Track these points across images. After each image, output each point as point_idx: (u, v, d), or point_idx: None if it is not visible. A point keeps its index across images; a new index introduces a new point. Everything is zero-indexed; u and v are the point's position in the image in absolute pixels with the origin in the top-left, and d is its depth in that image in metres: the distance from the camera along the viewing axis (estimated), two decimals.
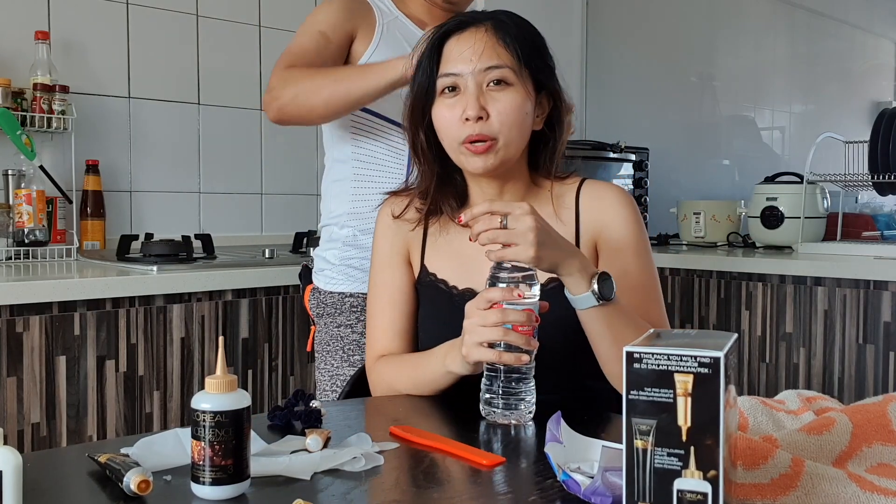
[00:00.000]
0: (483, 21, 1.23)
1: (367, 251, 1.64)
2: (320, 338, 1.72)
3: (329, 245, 1.73)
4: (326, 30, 1.62)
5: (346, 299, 1.68)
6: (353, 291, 1.68)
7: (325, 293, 1.70)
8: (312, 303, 1.74)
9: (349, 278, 1.69)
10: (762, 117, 4.75)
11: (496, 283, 1.09)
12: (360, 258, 1.67)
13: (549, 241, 1.07)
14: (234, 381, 0.84)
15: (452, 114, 1.21)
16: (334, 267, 1.70)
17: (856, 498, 0.81)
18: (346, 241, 1.69)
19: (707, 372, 0.69)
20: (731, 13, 4.35)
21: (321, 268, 1.73)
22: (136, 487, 0.81)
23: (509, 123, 1.20)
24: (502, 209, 1.05)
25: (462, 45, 1.21)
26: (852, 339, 2.33)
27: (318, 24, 1.63)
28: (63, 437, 1.81)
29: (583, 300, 1.11)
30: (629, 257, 1.26)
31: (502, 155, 1.22)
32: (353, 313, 1.68)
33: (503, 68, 1.20)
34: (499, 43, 1.21)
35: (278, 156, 2.89)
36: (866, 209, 3.59)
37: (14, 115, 2.17)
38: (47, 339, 1.79)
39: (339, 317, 1.68)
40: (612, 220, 1.27)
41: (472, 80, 1.20)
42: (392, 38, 1.65)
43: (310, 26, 1.64)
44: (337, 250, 1.70)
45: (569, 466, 0.85)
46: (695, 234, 3.13)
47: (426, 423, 1.15)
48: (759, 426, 1.00)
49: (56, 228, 2.34)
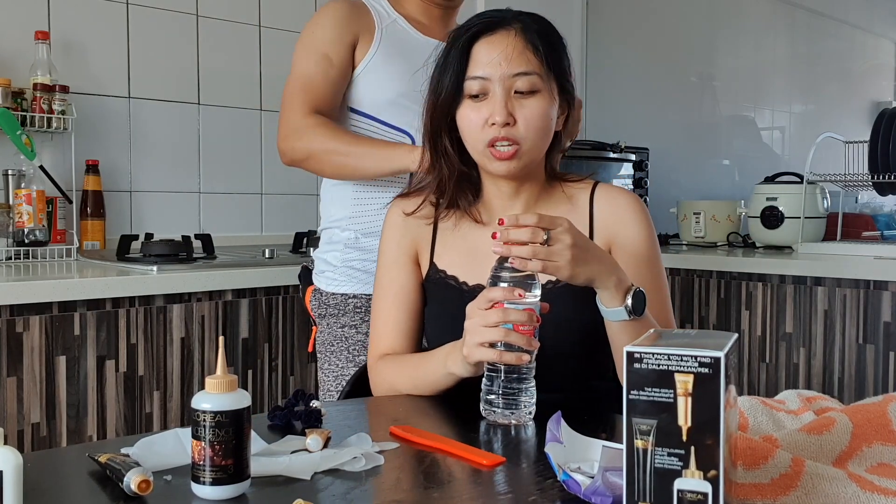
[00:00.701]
0: (512, 23, 1.22)
1: (369, 253, 1.65)
2: (323, 338, 1.71)
3: (330, 247, 1.72)
4: (328, 50, 1.61)
5: (350, 300, 1.68)
6: (357, 292, 1.68)
7: (328, 294, 1.70)
8: (314, 304, 1.73)
9: (352, 279, 1.68)
10: (762, 117, 4.75)
11: (498, 283, 1.09)
12: (362, 260, 1.67)
13: (587, 257, 1.08)
14: (234, 381, 0.84)
15: (479, 116, 1.21)
16: (336, 269, 1.70)
17: (856, 498, 0.81)
18: (348, 244, 1.69)
19: (707, 372, 0.69)
20: (731, 13, 4.35)
21: (322, 269, 1.73)
22: (137, 487, 0.81)
23: (535, 129, 1.21)
24: (547, 224, 1.05)
25: (492, 50, 1.21)
26: (852, 339, 2.33)
27: (319, 44, 1.62)
28: (63, 437, 1.81)
29: (615, 314, 1.13)
30: (641, 264, 1.27)
31: (526, 160, 1.23)
32: (358, 314, 1.67)
33: (532, 75, 1.20)
34: (528, 48, 1.21)
35: (278, 156, 2.89)
36: (866, 209, 3.60)
37: (14, 115, 2.17)
38: (47, 339, 1.79)
39: (343, 317, 1.68)
40: (626, 226, 1.29)
41: (500, 85, 1.20)
42: (390, 43, 1.65)
43: (311, 48, 1.62)
44: (338, 252, 1.70)
45: (569, 466, 0.85)
46: (695, 234, 3.13)
47: (426, 423, 1.15)
48: (759, 426, 1.00)
49: (56, 228, 2.34)
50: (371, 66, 1.63)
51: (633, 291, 1.11)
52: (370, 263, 1.63)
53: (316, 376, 2.23)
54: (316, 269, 1.76)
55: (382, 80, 1.63)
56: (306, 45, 1.64)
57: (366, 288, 1.67)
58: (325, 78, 1.61)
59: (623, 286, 1.12)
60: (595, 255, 1.09)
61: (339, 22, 1.63)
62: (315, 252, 1.79)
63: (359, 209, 1.69)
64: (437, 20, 1.71)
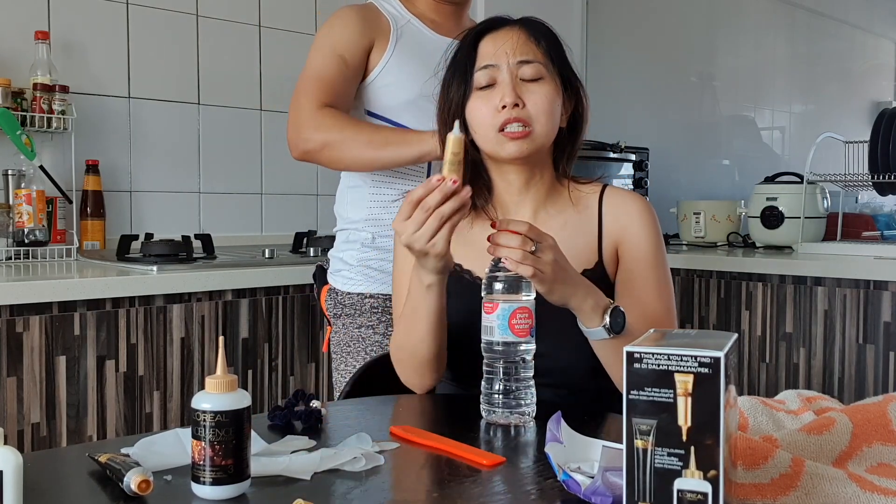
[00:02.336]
0: (514, 23, 1.30)
1: (386, 252, 1.64)
2: (338, 338, 1.70)
3: (346, 246, 1.71)
4: (344, 52, 1.59)
5: (366, 300, 1.67)
6: (374, 292, 1.66)
7: (343, 294, 1.68)
8: (329, 303, 1.71)
9: (368, 279, 1.67)
10: (762, 117, 4.75)
11: (493, 283, 1.10)
12: (380, 259, 1.66)
13: (565, 278, 1.11)
14: (234, 381, 0.84)
15: (489, 104, 1.25)
16: (352, 268, 1.69)
17: (856, 498, 0.81)
18: (365, 243, 1.68)
19: (707, 372, 0.69)
20: (731, 13, 4.35)
21: (338, 268, 1.72)
22: (137, 487, 0.81)
23: (544, 112, 1.25)
24: (536, 237, 1.08)
25: (497, 42, 1.27)
26: (852, 339, 2.33)
27: (336, 45, 1.60)
28: (63, 437, 1.81)
29: (595, 333, 1.15)
30: (649, 268, 1.30)
31: (538, 143, 1.26)
32: (374, 314, 1.66)
33: (536, 63, 1.26)
34: (530, 40, 1.27)
35: (278, 156, 2.89)
36: (866, 209, 3.60)
37: (14, 115, 2.17)
38: (47, 339, 1.79)
39: (360, 317, 1.67)
40: (634, 231, 1.31)
41: (507, 71, 1.25)
42: (406, 45, 1.64)
43: (327, 48, 1.61)
44: (355, 251, 1.69)
45: (569, 466, 0.85)
46: (695, 234, 3.13)
47: (426, 423, 1.15)
48: (759, 426, 1.00)
49: (56, 228, 2.34)
50: (388, 68, 1.62)
51: (610, 310, 1.14)
52: (387, 263, 1.62)
53: (316, 376, 2.23)
54: (331, 268, 1.75)
55: (400, 81, 1.62)
56: (321, 47, 1.62)
57: (383, 287, 1.66)
58: (341, 74, 1.59)
59: (601, 306, 1.14)
60: (572, 278, 1.13)
61: (355, 26, 1.62)
62: (331, 251, 1.78)
63: (375, 211, 1.68)
64: (449, 17, 1.70)
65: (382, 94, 1.63)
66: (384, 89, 1.63)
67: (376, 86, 1.63)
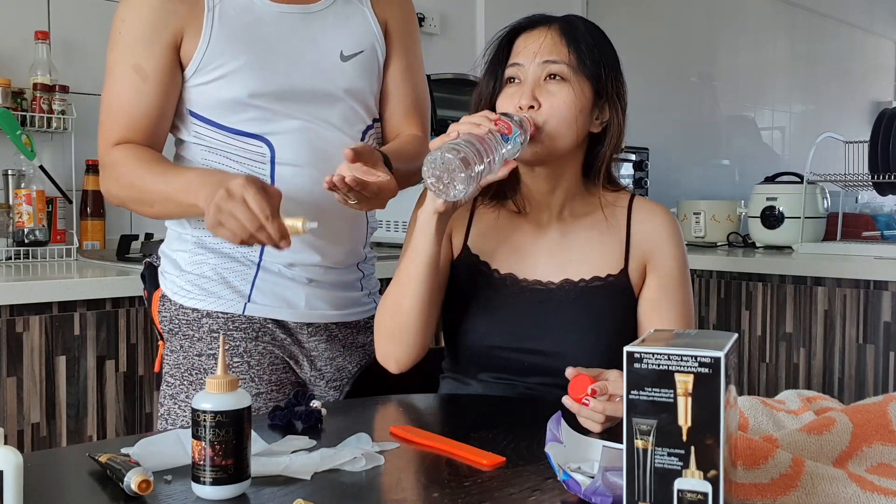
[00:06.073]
0: (553, 22, 1.29)
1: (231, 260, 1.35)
2: (174, 360, 1.35)
3: (179, 245, 1.37)
4: (140, 59, 1.29)
5: (204, 320, 1.32)
6: (213, 310, 1.31)
7: (177, 306, 1.34)
8: (163, 315, 1.36)
9: (203, 291, 1.32)
10: (762, 117, 4.75)
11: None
12: (223, 266, 1.32)
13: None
14: (234, 380, 0.84)
15: (511, 102, 1.26)
16: (183, 275, 1.34)
17: (856, 498, 0.81)
18: (200, 243, 1.33)
19: (707, 372, 0.69)
20: (731, 13, 4.35)
21: (167, 270, 1.38)
22: (137, 487, 0.81)
23: (558, 116, 1.24)
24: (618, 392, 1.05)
25: (528, 41, 1.28)
26: (852, 339, 2.33)
27: (128, 48, 1.31)
28: (63, 437, 1.81)
29: None
30: (674, 285, 1.31)
31: (549, 146, 1.24)
32: (214, 340, 1.31)
33: (560, 64, 1.25)
34: (561, 41, 1.26)
35: None
36: (866, 209, 3.60)
37: (14, 115, 2.17)
38: (47, 339, 1.79)
39: (199, 343, 1.32)
40: (662, 248, 1.32)
41: (531, 71, 1.25)
42: (227, 25, 1.29)
43: (119, 55, 1.32)
44: (187, 253, 1.34)
45: (569, 466, 0.85)
46: (695, 234, 3.13)
47: (426, 423, 1.15)
48: (759, 426, 1.00)
49: (56, 228, 2.34)
50: (206, 59, 1.29)
51: None
52: (231, 272, 1.33)
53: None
54: (161, 267, 1.40)
55: (224, 74, 1.29)
56: (113, 53, 1.33)
57: (221, 304, 1.31)
58: (136, 96, 1.29)
59: None
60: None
61: (150, 16, 1.29)
62: (162, 247, 1.42)
63: None
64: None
65: (203, 89, 1.31)
66: (209, 86, 1.30)
67: (196, 83, 1.31)
